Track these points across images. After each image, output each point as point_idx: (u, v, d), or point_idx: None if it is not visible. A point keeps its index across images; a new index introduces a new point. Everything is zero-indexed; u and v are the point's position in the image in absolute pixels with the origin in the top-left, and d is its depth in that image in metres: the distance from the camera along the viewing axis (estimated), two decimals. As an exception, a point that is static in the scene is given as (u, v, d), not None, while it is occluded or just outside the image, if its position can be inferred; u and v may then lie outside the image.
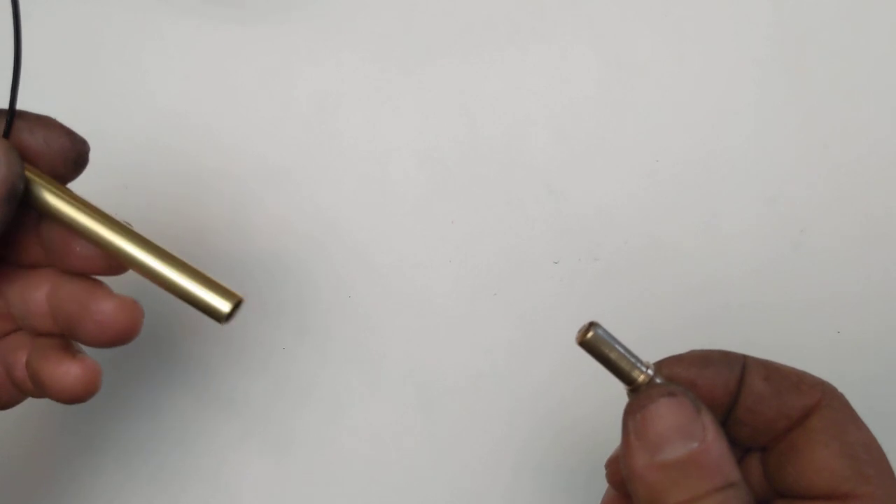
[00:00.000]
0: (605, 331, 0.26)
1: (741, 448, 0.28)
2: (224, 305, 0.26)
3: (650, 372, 0.26)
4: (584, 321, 0.26)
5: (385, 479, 0.38)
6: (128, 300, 0.28)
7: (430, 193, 0.42)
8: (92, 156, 0.28)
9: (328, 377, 0.40)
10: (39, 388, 0.28)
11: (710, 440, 0.24)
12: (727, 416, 0.27)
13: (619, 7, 0.44)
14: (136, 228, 0.28)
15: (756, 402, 0.26)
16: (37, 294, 0.29)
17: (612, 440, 0.36)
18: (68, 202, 0.27)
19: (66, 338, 0.29)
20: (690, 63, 0.43)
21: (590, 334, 0.26)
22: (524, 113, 0.43)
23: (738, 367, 0.27)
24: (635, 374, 0.26)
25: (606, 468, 0.29)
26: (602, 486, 0.34)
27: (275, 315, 0.41)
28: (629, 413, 0.25)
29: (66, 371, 0.28)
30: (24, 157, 0.26)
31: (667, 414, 0.24)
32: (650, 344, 0.39)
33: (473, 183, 0.42)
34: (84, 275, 0.28)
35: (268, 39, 0.44)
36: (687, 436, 0.24)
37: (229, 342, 0.40)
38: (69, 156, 0.27)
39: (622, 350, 0.26)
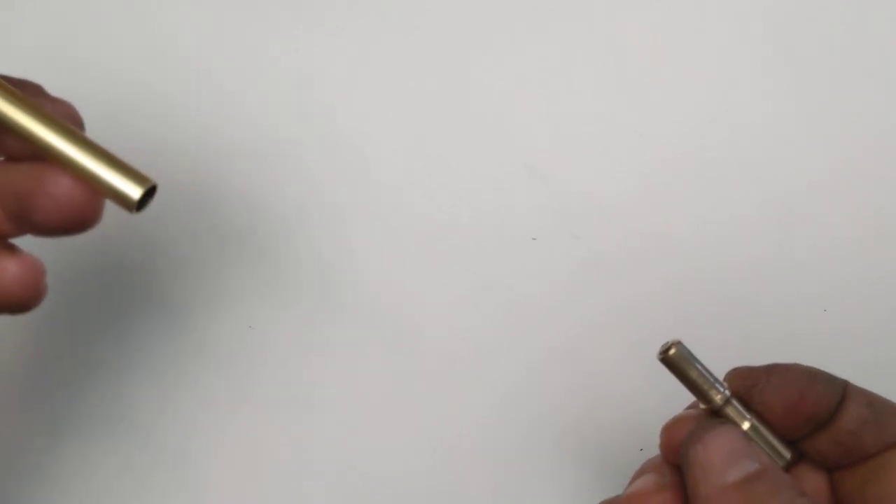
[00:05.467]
0: (686, 349, 0.28)
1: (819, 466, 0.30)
2: (134, 191, 0.24)
3: (727, 392, 0.28)
4: (668, 339, 0.28)
5: (359, 465, 0.38)
6: None
7: (410, 173, 0.41)
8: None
9: (297, 358, 0.39)
10: None
11: (766, 461, 0.26)
12: (815, 434, 0.28)
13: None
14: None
15: (859, 426, 0.27)
16: None
17: (593, 412, 0.37)
18: None
19: (3, 239, 0.26)
20: (683, 46, 0.43)
21: (671, 351, 0.28)
22: (510, 93, 0.42)
23: (841, 388, 0.28)
24: (713, 393, 0.28)
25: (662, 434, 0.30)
26: (586, 469, 0.34)
27: (245, 294, 0.40)
28: (690, 444, 0.27)
29: (3, 268, 0.24)
30: None
31: (727, 439, 0.26)
32: (638, 327, 0.39)
33: (455, 162, 0.42)
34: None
35: (247, 15, 0.43)
36: (747, 457, 0.26)
37: (195, 321, 0.40)
38: None
39: (701, 369, 0.28)
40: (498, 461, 0.38)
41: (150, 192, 0.25)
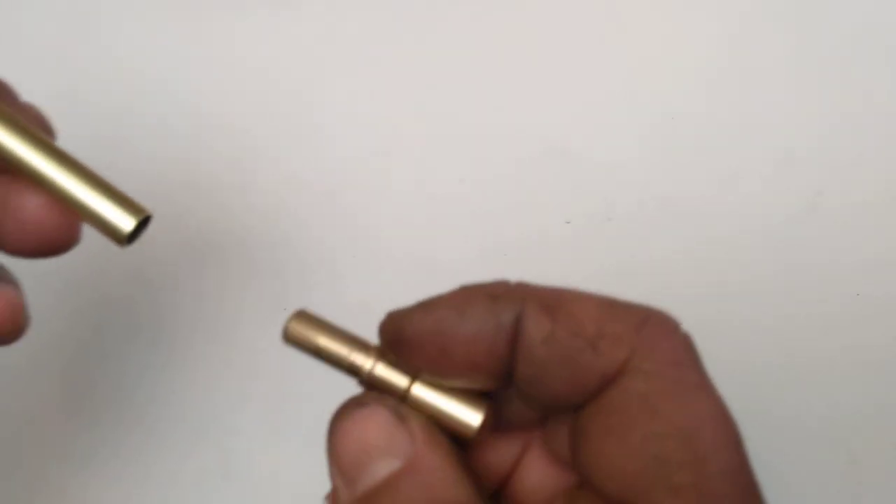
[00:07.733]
0: (309, 314, 0.22)
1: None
2: (126, 223, 0.22)
3: (371, 357, 0.21)
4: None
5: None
6: None
7: (437, 152, 0.41)
8: (60, 137, 0.25)
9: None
10: None
11: (420, 451, 0.19)
12: (508, 383, 0.20)
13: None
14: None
15: (537, 371, 0.19)
16: None
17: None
18: None
19: None
20: (704, 15, 0.42)
21: (290, 324, 0.21)
22: (531, 69, 0.42)
23: (510, 316, 0.20)
24: (354, 358, 0.21)
25: None
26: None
27: (261, 298, 0.39)
28: (328, 434, 0.20)
29: None
30: None
31: (359, 431, 0.19)
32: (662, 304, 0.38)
33: (482, 140, 0.41)
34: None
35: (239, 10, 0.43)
36: (388, 452, 0.19)
37: (207, 331, 0.39)
38: None
39: (331, 336, 0.22)
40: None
41: (143, 224, 0.22)
